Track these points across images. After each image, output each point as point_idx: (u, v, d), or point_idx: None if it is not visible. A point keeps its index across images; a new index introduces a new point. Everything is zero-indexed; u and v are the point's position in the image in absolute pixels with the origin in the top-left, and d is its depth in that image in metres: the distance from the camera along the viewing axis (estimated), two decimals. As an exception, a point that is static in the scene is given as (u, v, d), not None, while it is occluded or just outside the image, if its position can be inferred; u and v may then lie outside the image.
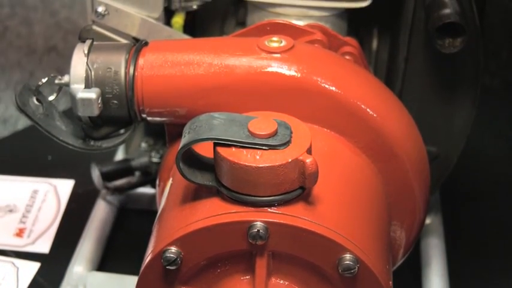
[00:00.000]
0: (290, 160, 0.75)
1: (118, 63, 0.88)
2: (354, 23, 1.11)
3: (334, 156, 0.86)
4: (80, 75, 0.88)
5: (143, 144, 1.19)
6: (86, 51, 0.89)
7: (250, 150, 0.76)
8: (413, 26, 1.01)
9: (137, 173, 1.19)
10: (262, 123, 0.77)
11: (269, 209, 0.76)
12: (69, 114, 0.93)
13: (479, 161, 1.37)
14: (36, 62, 1.80)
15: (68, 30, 1.91)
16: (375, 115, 0.87)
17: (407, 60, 1.04)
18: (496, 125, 1.47)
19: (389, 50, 1.14)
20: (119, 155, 1.29)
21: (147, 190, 1.25)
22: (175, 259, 0.77)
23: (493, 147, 1.42)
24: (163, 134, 0.94)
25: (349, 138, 0.88)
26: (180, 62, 0.88)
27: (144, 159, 1.17)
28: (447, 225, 1.22)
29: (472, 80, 1.04)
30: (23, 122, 1.51)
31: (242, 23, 1.10)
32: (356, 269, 0.76)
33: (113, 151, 1.31)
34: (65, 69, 1.76)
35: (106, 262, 1.18)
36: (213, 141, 0.76)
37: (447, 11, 0.95)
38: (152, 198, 1.19)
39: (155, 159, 1.16)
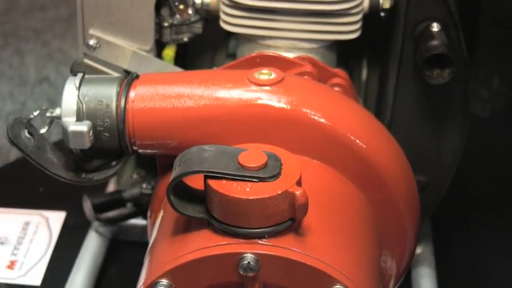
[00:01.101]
0: (280, 192, 0.75)
1: (109, 96, 0.89)
2: (343, 54, 1.12)
3: (324, 187, 0.86)
4: (71, 108, 0.89)
5: (135, 176, 1.20)
6: (77, 85, 0.90)
7: (241, 183, 0.76)
8: (402, 56, 1.02)
9: (129, 205, 1.20)
10: (253, 155, 0.78)
11: (260, 241, 0.76)
12: (61, 145, 0.94)
13: (469, 190, 1.38)
14: (28, 92, 1.81)
15: (60, 60, 1.92)
16: (364, 146, 0.88)
17: (397, 91, 1.04)
18: (486, 153, 1.48)
19: (379, 80, 1.15)
20: (111, 187, 1.29)
21: (138, 222, 1.25)
22: (167, 291, 0.77)
23: (483, 176, 1.43)
24: (155, 165, 0.95)
25: (339, 169, 0.88)
26: (171, 95, 0.88)
27: (135, 191, 1.17)
28: (438, 254, 1.23)
29: (461, 110, 1.05)
30: (14, 154, 1.51)
31: (232, 55, 1.11)
32: (347, 299, 0.76)
33: (104, 182, 1.31)
34: (57, 99, 1.77)
35: (98, 294, 1.19)
36: (203, 173, 0.77)
37: (435, 42, 0.96)
38: (144, 230, 1.19)
39: (147, 191, 1.16)
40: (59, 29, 2.02)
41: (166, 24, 1.06)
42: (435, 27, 0.98)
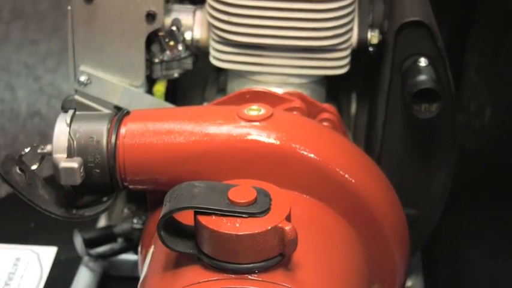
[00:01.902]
0: (269, 227, 0.76)
1: (100, 133, 0.89)
2: (333, 88, 1.13)
3: (314, 221, 0.87)
4: (62, 144, 0.89)
5: (126, 210, 1.20)
6: (68, 121, 0.90)
7: (231, 218, 0.77)
8: (390, 91, 1.03)
9: (120, 240, 1.20)
10: (242, 191, 0.78)
11: (250, 276, 0.77)
12: (52, 180, 0.94)
13: (459, 222, 1.38)
14: (19, 126, 1.81)
15: (51, 94, 1.92)
16: (353, 181, 0.88)
17: (385, 125, 1.05)
18: (475, 185, 1.49)
19: (368, 114, 1.16)
20: (102, 221, 1.29)
21: (129, 257, 1.25)
22: (157, 327, 0.77)
23: (473, 208, 1.44)
24: (146, 199, 0.95)
25: (328, 204, 0.89)
26: (161, 131, 0.89)
27: (126, 226, 1.18)
28: (428, 287, 1.23)
29: (450, 143, 1.06)
30: (5, 189, 1.51)
31: (223, 90, 1.12)
32: (336, 334, 0.76)
33: (95, 217, 1.31)
34: (48, 133, 1.77)
35: (89, 329, 1.18)
36: (193, 209, 0.77)
37: (423, 77, 0.97)
38: (135, 265, 1.19)
39: (137, 226, 1.16)
40: (51, 63, 2.03)
41: (156, 60, 1.07)
42: (423, 62, 0.99)
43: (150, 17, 1.02)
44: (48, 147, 0.91)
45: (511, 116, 1.53)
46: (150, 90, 1.08)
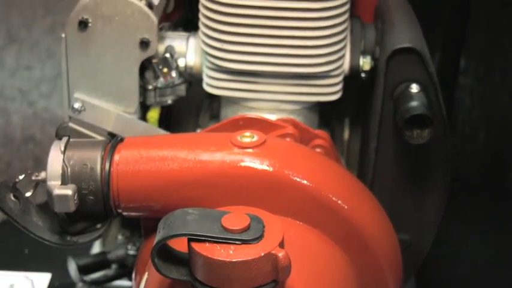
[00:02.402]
0: (263, 254, 0.76)
1: (94, 160, 0.90)
2: (325, 114, 1.14)
3: (307, 248, 0.87)
4: (56, 172, 0.90)
5: (120, 237, 1.20)
6: (62, 149, 0.91)
7: (224, 245, 0.77)
8: (382, 117, 1.04)
9: (114, 266, 1.20)
10: (235, 218, 0.78)
11: (243, 303, 0.77)
12: (46, 207, 0.94)
13: (452, 247, 1.39)
14: (13, 152, 1.81)
15: (45, 120, 1.93)
16: (346, 207, 0.89)
17: (378, 151, 1.06)
18: (468, 208, 1.49)
19: (361, 140, 1.17)
20: (96, 248, 1.29)
21: (123, 283, 1.25)
22: None
23: (465, 233, 1.44)
24: (140, 226, 0.95)
25: (322, 230, 0.89)
26: (155, 158, 0.89)
27: (120, 252, 1.18)
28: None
29: (442, 168, 1.06)
30: None
31: (216, 116, 1.13)
32: None
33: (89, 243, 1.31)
34: (42, 159, 1.78)
35: None
36: (187, 236, 0.77)
37: (414, 103, 0.98)
38: (129, 291, 1.20)
39: (132, 252, 1.16)
40: (45, 89, 2.04)
41: (150, 87, 1.07)
42: (414, 88, 1.00)
43: (144, 44, 1.03)
44: (43, 174, 0.91)
45: (505, 139, 1.54)
46: (143, 117, 1.09)
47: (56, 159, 0.91)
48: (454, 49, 1.54)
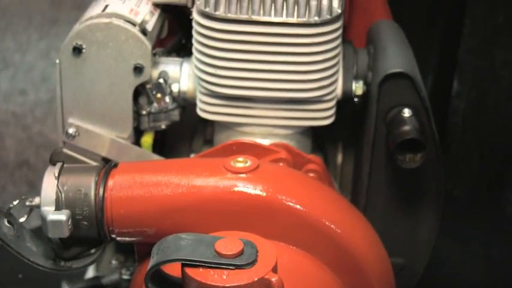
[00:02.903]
0: (256, 279, 0.76)
1: (88, 185, 0.90)
2: (318, 138, 1.14)
3: (300, 272, 0.88)
4: (50, 197, 0.90)
5: (114, 262, 1.20)
6: (56, 174, 0.91)
7: (218, 270, 0.77)
8: (375, 141, 1.04)
9: (108, 291, 1.20)
10: (229, 243, 0.79)
11: (237, 328, 0.77)
12: (40, 232, 0.95)
13: (445, 270, 1.39)
14: (7, 176, 1.82)
15: (40, 144, 1.93)
16: (339, 231, 0.89)
17: (371, 175, 1.06)
18: (462, 233, 1.49)
19: (354, 164, 1.17)
20: (90, 272, 1.29)
21: (118, 307, 1.25)
22: None
23: (460, 254, 1.44)
24: (134, 250, 0.96)
25: (315, 254, 0.90)
26: (149, 183, 0.90)
27: (114, 277, 1.18)
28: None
29: (435, 193, 1.07)
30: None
31: (210, 141, 1.13)
32: None
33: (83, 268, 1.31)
34: (36, 183, 1.78)
35: None
36: (180, 262, 0.78)
37: (407, 127, 0.98)
38: (123, 315, 1.20)
39: (126, 277, 1.16)
40: (39, 113, 2.04)
41: (144, 112, 1.08)
42: (406, 112, 1.01)
43: (138, 70, 1.04)
44: (37, 200, 0.92)
45: (498, 161, 1.55)
46: (137, 142, 1.09)
47: (50, 184, 0.91)
48: (447, 73, 1.55)
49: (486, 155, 1.59)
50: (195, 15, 1.03)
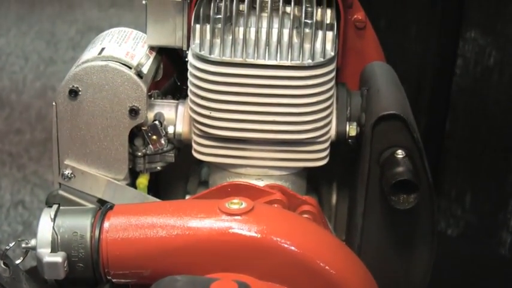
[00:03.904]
0: (251, 321, 0.77)
1: (84, 228, 0.91)
2: (313, 179, 1.15)
3: (295, 313, 0.88)
4: (46, 239, 0.91)
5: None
6: (52, 216, 0.92)
7: (213, 312, 0.78)
8: (368, 182, 1.05)
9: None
10: (224, 285, 0.80)
11: None
12: (36, 273, 0.95)
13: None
14: (3, 216, 1.82)
15: (35, 183, 1.94)
16: (333, 272, 0.90)
17: (365, 215, 1.07)
18: (457, 267, 1.49)
19: (349, 204, 1.18)
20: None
21: None
22: None
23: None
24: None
25: (309, 295, 0.90)
26: (144, 225, 0.91)
27: (110, 318, 1.18)
28: None
29: (429, 232, 1.07)
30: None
31: (205, 182, 1.14)
32: None
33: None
34: (32, 223, 1.78)
35: None
36: (176, 304, 0.78)
37: (400, 169, 0.99)
38: None
39: (121, 318, 1.16)
40: (35, 153, 2.05)
41: (139, 153, 1.08)
42: (400, 153, 1.01)
43: (133, 112, 1.05)
44: (33, 242, 0.92)
45: (492, 202, 1.55)
46: (133, 183, 1.10)
47: (46, 226, 0.92)
48: (440, 112, 1.56)
49: (479, 195, 1.60)
50: (190, 58, 1.04)
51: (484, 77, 1.45)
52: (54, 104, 1.06)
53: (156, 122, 1.07)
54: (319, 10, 1.05)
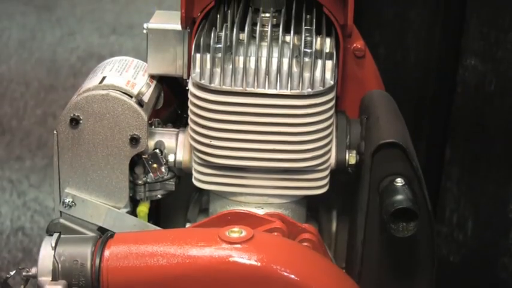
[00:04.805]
0: None
1: (84, 256, 0.91)
2: (313, 207, 1.15)
3: None
4: (47, 267, 0.91)
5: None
6: (53, 245, 0.92)
7: None
8: (368, 210, 1.05)
9: None
10: (224, 314, 0.80)
11: None
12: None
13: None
14: (3, 243, 1.82)
15: (35, 210, 1.94)
16: (333, 301, 0.90)
17: (364, 243, 1.07)
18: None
19: (349, 232, 1.18)
20: None
21: None
22: None
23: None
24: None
25: (309, 324, 0.90)
26: (144, 254, 0.91)
27: None
28: None
29: (428, 260, 1.08)
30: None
31: (205, 210, 1.14)
32: None
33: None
34: (31, 249, 1.78)
35: None
36: (176, 333, 0.78)
37: (399, 197, 0.99)
38: None
39: None
40: (35, 179, 2.05)
41: (140, 182, 1.09)
42: (399, 181, 1.02)
43: (134, 140, 1.05)
44: (33, 270, 0.93)
45: (493, 228, 1.55)
46: (133, 211, 1.10)
47: (46, 255, 0.92)
48: (440, 140, 1.56)
49: (480, 221, 1.59)
50: (191, 87, 1.05)
51: (484, 103, 1.45)
52: (55, 132, 1.06)
53: (157, 151, 1.08)
54: (319, 39, 1.06)
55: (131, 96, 1.06)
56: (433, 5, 1.41)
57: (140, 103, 1.06)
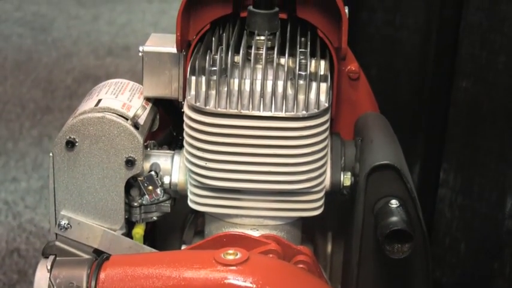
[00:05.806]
0: None
1: (80, 279, 0.92)
2: (308, 229, 1.15)
3: None
4: (42, 290, 0.91)
5: None
6: (49, 267, 0.93)
7: None
8: (363, 231, 1.06)
9: None
10: (219, 336, 0.80)
11: None
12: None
13: None
14: (-2, 265, 1.81)
15: (30, 231, 1.94)
16: (328, 323, 0.90)
17: (360, 265, 1.07)
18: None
19: (343, 254, 1.18)
20: None
21: None
22: None
23: None
24: None
25: None
26: (140, 276, 0.91)
27: None
28: None
29: (423, 281, 1.08)
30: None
31: (201, 232, 1.15)
32: None
33: None
34: (26, 271, 1.77)
35: None
36: None
37: (394, 218, 1.00)
38: None
39: None
40: (30, 201, 2.05)
41: (135, 204, 1.09)
42: (394, 203, 1.02)
43: (130, 163, 1.06)
44: (29, 293, 0.93)
45: (487, 250, 1.55)
46: (129, 233, 1.10)
47: (42, 278, 0.93)
48: (433, 162, 1.57)
49: (473, 243, 1.60)
50: (186, 109, 1.05)
51: (477, 126, 1.46)
52: (51, 155, 1.07)
53: (152, 173, 1.08)
54: (313, 62, 1.07)
55: (127, 119, 1.06)
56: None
57: (136, 125, 1.06)
